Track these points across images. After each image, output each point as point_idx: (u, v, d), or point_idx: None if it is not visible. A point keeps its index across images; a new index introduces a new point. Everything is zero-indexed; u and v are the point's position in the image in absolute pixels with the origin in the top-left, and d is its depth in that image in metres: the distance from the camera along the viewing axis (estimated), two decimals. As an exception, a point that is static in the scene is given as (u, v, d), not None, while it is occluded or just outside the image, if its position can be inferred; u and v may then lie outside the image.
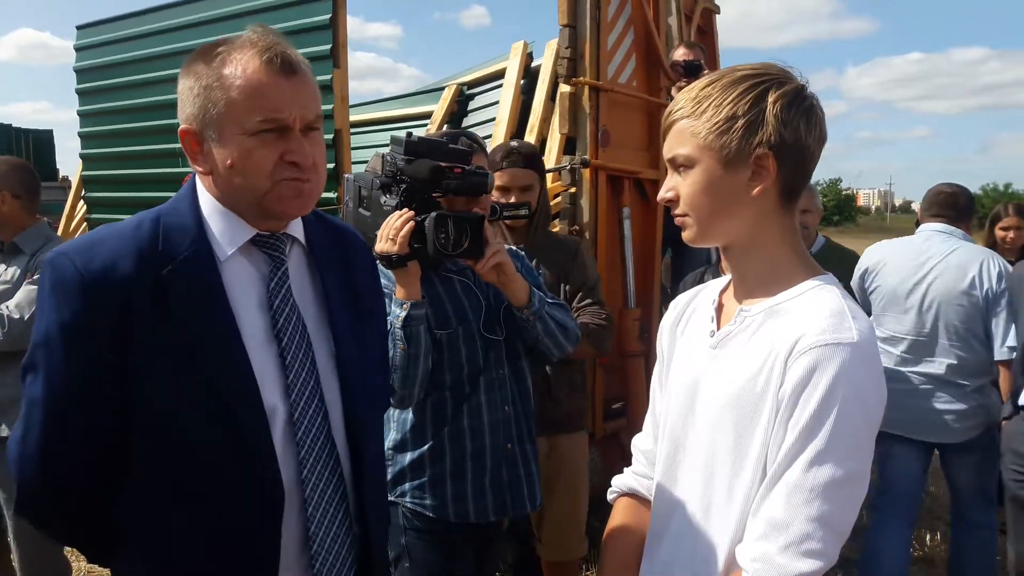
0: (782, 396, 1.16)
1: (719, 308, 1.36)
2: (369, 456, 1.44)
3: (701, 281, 3.27)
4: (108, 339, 1.22)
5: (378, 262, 1.85)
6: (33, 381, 1.26)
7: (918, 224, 3.66)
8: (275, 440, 1.29)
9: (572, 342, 2.25)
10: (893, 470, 3.44)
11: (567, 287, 2.88)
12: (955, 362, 3.29)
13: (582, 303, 2.86)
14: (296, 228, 1.42)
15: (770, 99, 1.20)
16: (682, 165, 1.26)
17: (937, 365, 3.32)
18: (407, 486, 2.14)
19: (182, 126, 1.32)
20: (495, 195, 2.70)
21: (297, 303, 1.37)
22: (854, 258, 3.69)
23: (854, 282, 3.59)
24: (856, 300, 1.29)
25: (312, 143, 1.30)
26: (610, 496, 1.58)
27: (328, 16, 4.02)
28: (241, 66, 1.25)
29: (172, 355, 1.24)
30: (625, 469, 1.57)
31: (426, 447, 2.13)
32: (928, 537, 4.42)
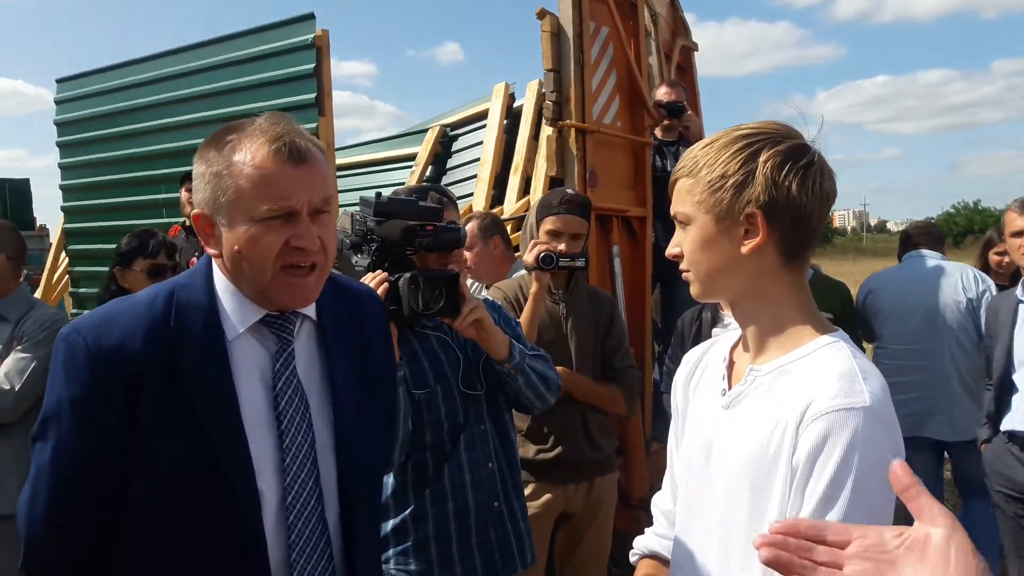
0: (796, 463, 1.14)
1: (730, 365, 1.35)
2: (363, 538, 1.43)
3: (699, 318, 3.28)
4: (116, 414, 1.25)
5: None
6: (42, 449, 1.30)
7: (899, 257, 4.25)
8: (266, 522, 1.30)
9: (554, 393, 2.21)
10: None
11: (605, 344, 2.91)
12: (958, 363, 3.78)
13: (621, 364, 2.92)
14: (308, 306, 1.43)
15: (762, 158, 1.20)
16: (682, 222, 1.28)
17: (944, 367, 3.79)
18: (391, 552, 2.08)
19: (195, 210, 1.35)
20: (544, 238, 2.73)
21: (303, 382, 1.38)
22: (845, 291, 3.75)
23: (858, 306, 3.96)
24: (862, 347, 1.28)
25: (320, 225, 1.31)
26: (632, 558, 1.56)
27: (312, 65, 4.04)
28: (250, 154, 1.27)
29: (173, 431, 1.26)
30: (647, 530, 1.56)
31: (408, 511, 2.07)
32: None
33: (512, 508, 2.17)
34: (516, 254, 4.01)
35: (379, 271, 1.98)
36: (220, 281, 1.36)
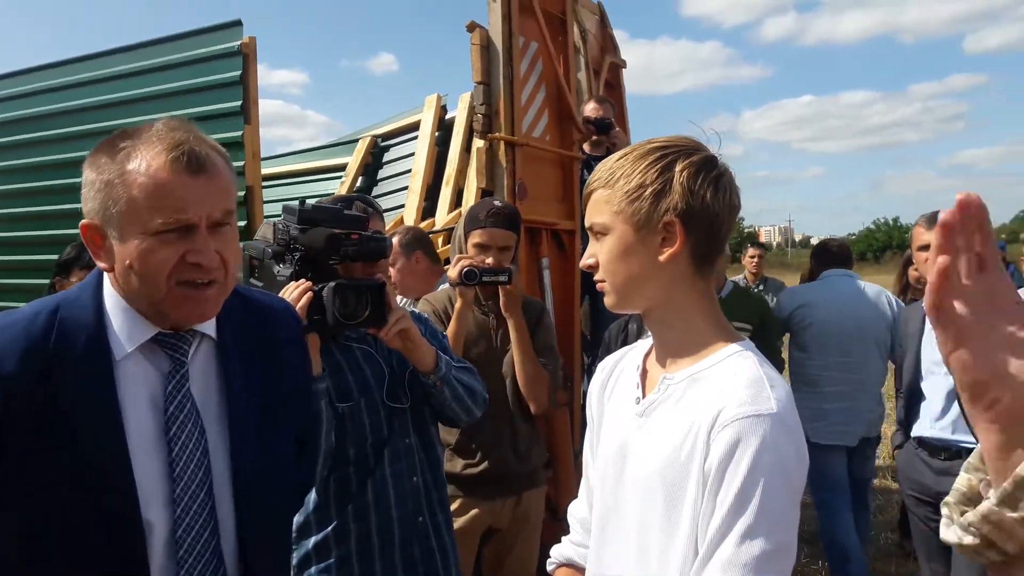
0: (708, 469, 1.18)
1: (643, 373, 1.37)
2: (263, 573, 1.35)
3: (625, 329, 3.33)
4: None
5: None
6: None
7: (812, 271, 4.53)
8: (152, 558, 1.21)
9: (480, 406, 2.20)
10: (831, 475, 4.01)
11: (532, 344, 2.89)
12: (879, 371, 4.14)
13: (545, 361, 2.90)
14: (207, 323, 1.34)
15: (677, 168, 1.24)
16: (599, 232, 1.30)
17: (870, 379, 4.10)
18: (313, 570, 2.03)
19: (84, 220, 1.25)
20: (472, 251, 2.71)
21: (199, 406, 1.29)
22: (764, 304, 3.89)
23: (784, 318, 4.15)
24: (771, 358, 1.33)
25: (220, 240, 1.24)
26: (549, 566, 1.57)
27: (238, 72, 3.98)
28: (145, 163, 1.19)
29: (50, 456, 1.17)
30: (563, 538, 1.57)
31: (330, 528, 2.03)
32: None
33: (436, 522, 2.15)
34: (447, 266, 4.02)
35: (302, 280, 1.94)
36: (110, 296, 1.28)
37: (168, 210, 1.19)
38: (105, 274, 1.29)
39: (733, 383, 1.21)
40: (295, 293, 1.89)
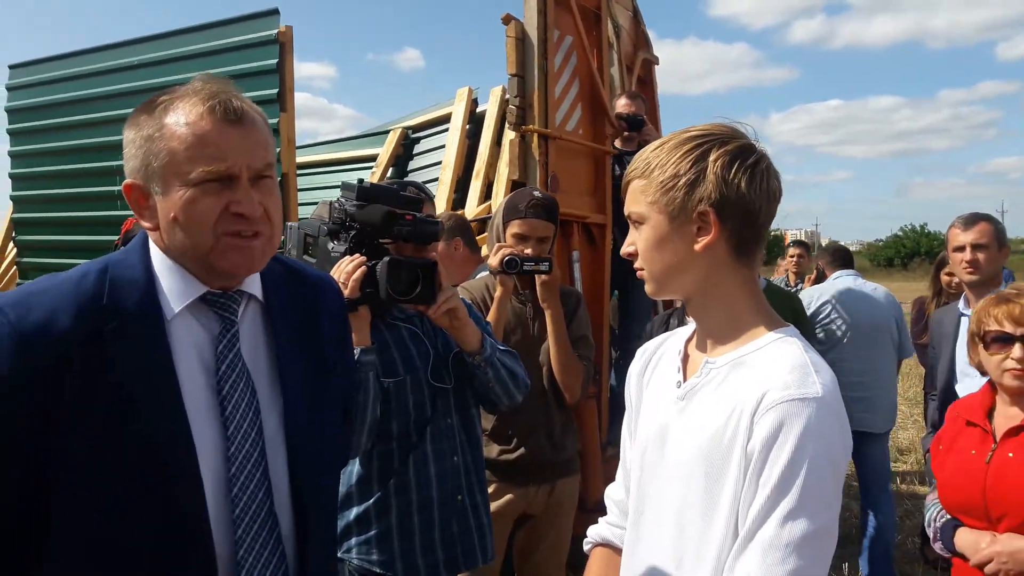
0: (751, 452, 1.18)
1: (685, 358, 1.38)
2: (315, 531, 1.35)
3: (667, 325, 3.32)
4: (41, 394, 1.15)
5: None
6: None
7: (819, 271, 5.05)
8: (210, 515, 1.21)
9: (522, 390, 2.24)
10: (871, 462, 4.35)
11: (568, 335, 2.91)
12: (892, 363, 4.46)
13: (579, 351, 2.91)
14: (253, 284, 1.34)
15: (712, 157, 1.24)
16: (636, 221, 1.31)
17: (882, 367, 4.38)
18: (353, 541, 2.08)
19: (127, 180, 1.26)
20: (510, 241, 2.72)
21: (248, 366, 1.29)
22: (798, 302, 3.87)
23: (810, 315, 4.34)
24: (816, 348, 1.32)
25: (263, 192, 1.23)
26: (585, 546, 1.58)
27: (275, 61, 4.02)
28: (183, 114, 1.20)
29: (105, 417, 1.16)
30: (600, 519, 1.58)
31: (371, 501, 2.07)
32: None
33: (475, 502, 2.19)
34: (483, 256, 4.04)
35: (357, 255, 1.98)
36: (157, 257, 1.27)
37: (207, 158, 1.19)
38: (150, 236, 1.29)
39: (778, 367, 1.21)
40: (350, 266, 1.94)
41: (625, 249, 1.34)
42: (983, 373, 2.31)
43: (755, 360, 1.25)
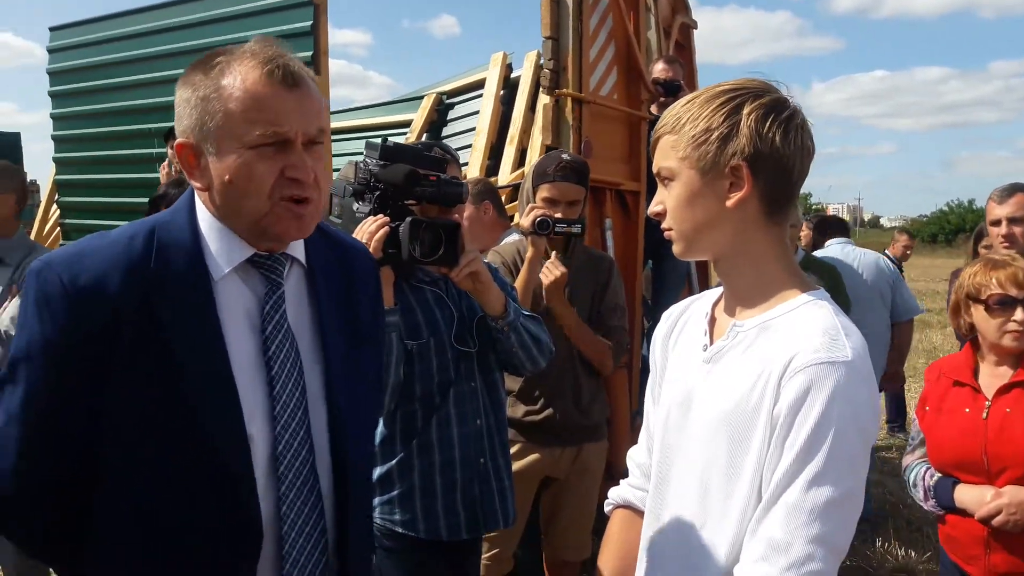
0: (777, 415, 1.16)
1: (712, 321, 1.36)
2: (355, 491, 1.37)
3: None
4: (91, 355, 1.18)
5: None
6: (11, 393, 1.22)
7: (815, 241, 5.25)
8: (256, 473, 1.23)
9: (545, 356, 2.23)
10: None
11: (600, 302, 2.91)
12: (884, 322, 4.72)
13: (612, 322, 2.91)
14: (297, 249, 1.36)
15: (745, 111, 1.21)
16: (666, 178, 1.28)
17: (876, 327, 4.55)
18: (376, 501, 2.09)
19: (178, 139, 1.26)
20: (541, 205, 2.70)
21: (292, 328, 1.31)
22: (836, 273, 3.81)
23: None
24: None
25: (314, 158, 1.24)
26: (607, 507, 1.58)
27: (309, 23, 3.99)
28: (241, 77, 1.20)
29: (154, 375, 1.19)
30: (622, 481, 1.57)
31: (394, 461, 2.09)
32: (904, 551, 4.44)
33: (498, 465, 2.19)
34: (512, 223, 4.01)
35: (380, 215, 1.97)
36: (205, 219, 1.28)
37: (265, 122, 1.19)
38: (196, 196, 1.30)
39: (807, 330, 1.19)
40: (373, 226, 1.94)
41: (652, 208, 1.31)
42: (965, 336, 2.41)
43: (784, 323, 1.22)
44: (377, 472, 2.10)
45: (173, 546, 1.22)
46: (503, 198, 4.32)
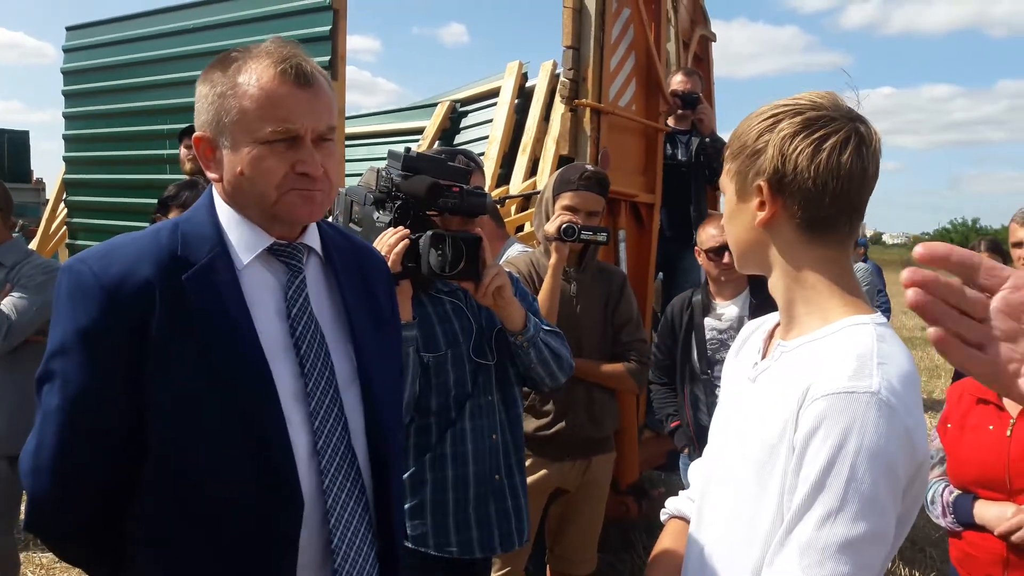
0: (796, 443, 1.11)
1: (769, 338, 1.33)
2: (392, 464, 1.43)
3: (690, 304, 3.25)
4: (127, 344, 1.21)
5: None
6: (49, 391, 1.24)
7: None
8: (295, 450, 1.27)
9: (566, 372, 2.19)
10: None
11: (614, 319, 2.87)
12: None
13: (629, 337, 2.87)
14: (313, 238, 1.41)
15: (778, 128, 1.16)
16: (723, 192, 1.28)
17: None
18: None
19: (197, 133, 1.33)
20: (560, 214, 2.67)
21: (315, 312, 1.36)
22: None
23: None
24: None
25: (324, 153, 1.30)
26: (662, 516, 1.56)
27: (328, 28, 3.98)
28: (256, 75, 1.26)
29: (190, 360, 1.23)
30: (681, 492, 1.55)
31: (407, 474, 2.04)
32: (907, 571, 4.40)
33: (514, 483, 2.14)
34: (519, 233, 3.98)
35: (400, 227, 1.93)
36: (224, 211, 1.34)
37: (277, 119, 1.25)
38: (215, 189, 1.36)
39: (837, 355, 1.12)
40: (392, 239, 1.89)
41: (724, 221, 1.32)
42: None
43: (822, 346, 1.16)
44: None
45: (218, 525, 1.26)
46: (512, 209, 4.30)
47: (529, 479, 2.68)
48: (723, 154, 1.29)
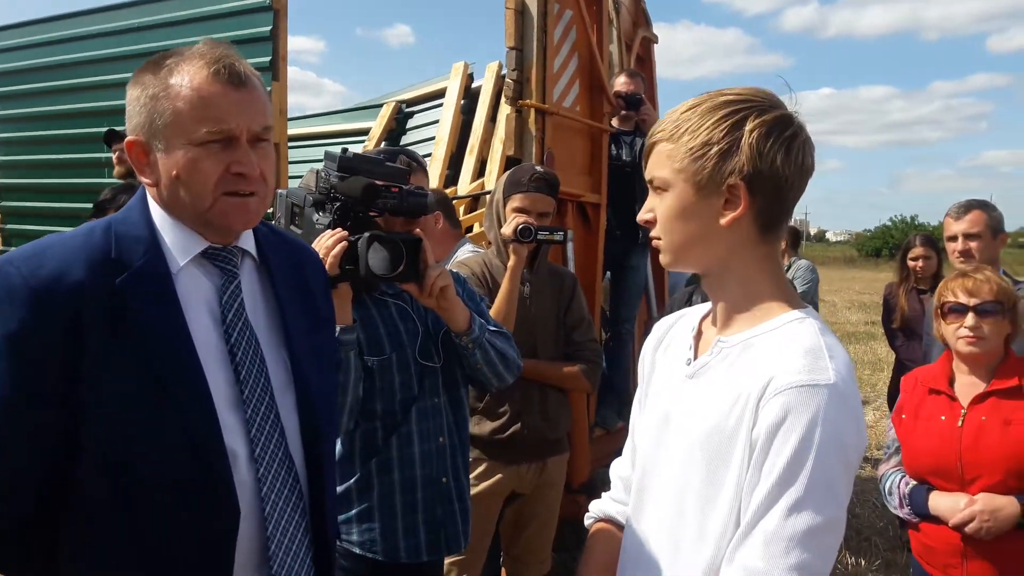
0: (755, 438, 1.13)
1: (698, 335, 1.33)
2: (327, 467, 1.42)
3: (690, 300, 3.26)
4: (61, 345, 1.18)
5: None
6: None
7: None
8: (230, 456, 1.25)
9: (513, 372, 2.17)
10: None
11: (566, 320, 2.88)
12: None
13: (581, 338, 2.88)
14: (248, 242, 1.39)
15: (747, 127, 1.16)
16: (659, 188, 1.23)
17: None
18: None
19: (129, 137, 1.30)
20: (515, 216, 2.66)
21: (250, 316, 1.35)
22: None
23: None
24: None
25: (260, 155, 1.29)
26: (587, 521, 1.54)
27: (269, 28, 3.92)
28: (188, 76, 1.25)
29: (124, 365, 1.20)
30: (604, 494, 1.53)
31: (353, 480, 2.02)
32: (854, 560, 4.51)
33: (460, 486, 2.13)
34: (469, 234, 3.98)
35: (338, 229, 1.89)
36: (157, 214, 1.31)
37: (211, 120, 1.23)
38: (148, 193, 1.33)
39: (789, 350, 1.15)
40: (330, 241, 1.86)
41: (643, 215, 1.27)
42: (945, 345, 2.44)
43: (767, 341, 1.19)
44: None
45: (153, 530, 1.24)
46: (461, 209, 4.29)
47: (484, 484, 2.69)
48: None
